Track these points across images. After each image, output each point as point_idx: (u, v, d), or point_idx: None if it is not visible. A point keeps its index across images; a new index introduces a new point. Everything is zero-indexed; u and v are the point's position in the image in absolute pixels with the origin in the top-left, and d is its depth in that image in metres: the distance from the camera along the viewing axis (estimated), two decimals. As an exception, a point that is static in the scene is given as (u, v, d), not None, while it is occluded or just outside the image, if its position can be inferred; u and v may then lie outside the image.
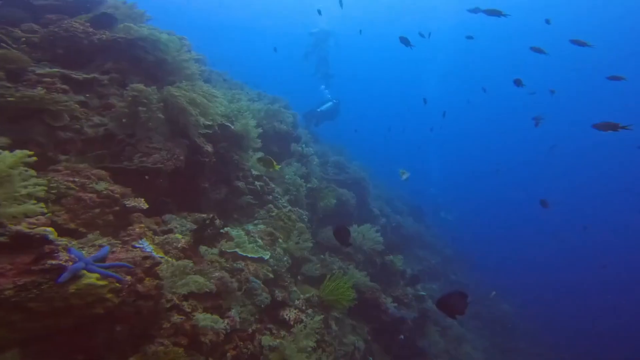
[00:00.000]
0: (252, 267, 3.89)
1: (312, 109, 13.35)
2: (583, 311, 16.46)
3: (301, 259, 5.94)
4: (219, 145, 5.19)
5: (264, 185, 6.22)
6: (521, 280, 17.33)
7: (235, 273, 3.63)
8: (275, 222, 5.66)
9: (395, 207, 14.89)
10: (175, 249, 3.05)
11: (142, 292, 2.17)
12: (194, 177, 4.52)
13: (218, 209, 5.28)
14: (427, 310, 8.65)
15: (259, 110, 7.32)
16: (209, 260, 3.34)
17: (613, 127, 4.91)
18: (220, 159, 5.32)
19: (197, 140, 4.38)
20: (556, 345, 13.60)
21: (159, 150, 3.75)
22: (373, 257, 8.11)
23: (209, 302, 3.15)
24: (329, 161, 10.96)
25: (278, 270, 4.58)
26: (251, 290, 3.66)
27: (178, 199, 4.33)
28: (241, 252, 3.93)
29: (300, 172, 7.68)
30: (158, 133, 3.87)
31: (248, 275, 3.70)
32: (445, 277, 14.02)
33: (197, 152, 4.33)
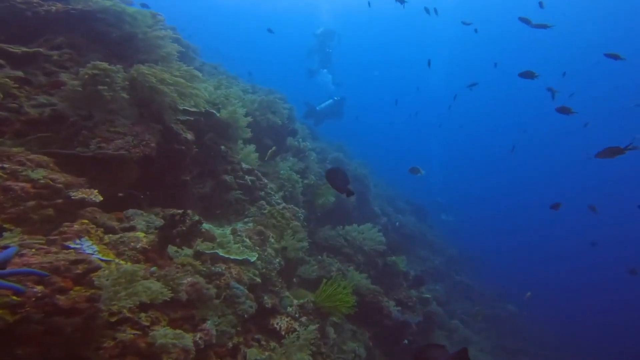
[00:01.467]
0: (235, 270, 3.27)
1: (311, 106, 12.63)
2: (589, 310, 15.81)
3: (296, 261, 5.33)
4: (202, 135, 4.59)
5: (256, 180, 5.62)
6: (526, 279, 16.68)
7: (213, 278, 3.02)
8: (266, 220, 5.05)
9: (397, 206, 14.28)
10: (133, 250, 2.44)
11: (63, 305, 1.57)
12: (172, 169, 3.92)
13: (202, 206, 4.67)
14: (433, 313, 8.03)
15: (252, 101, 6.73)
16: (180, 263, 2.74)
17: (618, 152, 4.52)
18: (205, 149, 4.72)
19: (173, 126, 3.77)
20: (563, 346, 12.98)
21: (123, 135, 3.14)
22: (374, 258, 7.50)
23: (178, 313, 2.55)
24: (327, 158, 10.36)
25: (267, 274, 3.97)
26: (232, 297, 3.05)
27: (152, 193, 3.74)
28: (222, 253, 3.32)
29: (296, 168, 7.08)
30: (123, 116, 3.26)
31: (229, 280, 3.09)
32: (449, 277, 13.39)
33: (173, 140, 3.73)
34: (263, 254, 4.12)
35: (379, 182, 14.38)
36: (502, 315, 12.81)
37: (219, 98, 4.78)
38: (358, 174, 10.11)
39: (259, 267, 3.77)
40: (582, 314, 15.64)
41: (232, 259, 3.38)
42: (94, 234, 2.28)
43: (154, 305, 2.30)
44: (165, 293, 2.10)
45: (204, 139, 4.74)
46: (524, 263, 20.06)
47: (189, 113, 4.24)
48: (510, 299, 13.94)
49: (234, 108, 4.63)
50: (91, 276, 1.79)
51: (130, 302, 1.85)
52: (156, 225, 2.91)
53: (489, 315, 12.55)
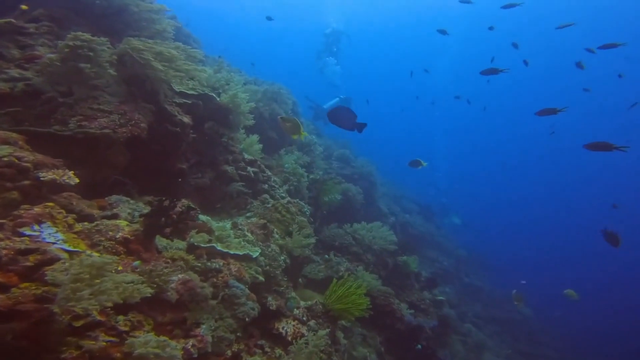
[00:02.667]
0: (235, 267, 2.86)
1: (317, 105, 12.18)
2: (605, 311, 15.27)
3: (302, 259, 4.91)
4: (201, 120, 4.19)
5: (259, 172, 5.21)
6: (539, 281, 16.16)
7: (209, 275, 2.61)
8: (270, 214, 4.65)
9: (404, 205, 13.84)
10: (111, 240, 2.04)
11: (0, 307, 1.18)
12: (167, 156, 3.52)
13: (200, 198, 4.27)
14: (447, 317, 7.60)
15: (255, 92, 6.32)
16: (170, 257, 2.33)
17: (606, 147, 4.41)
18: (204, 137, 4.33)
19: (167, 107, 3.38)
20: (581, 350, 12.48)
21: (109, 114, 2.75)
22: (384, 258, 7.07)
23: (166, 316, 2.14)
24: (332, 154, 9.94)
25: (271, 272, 3.55)
26: (232, 298, 2.63)
27: (143, 181, 3.34)
28: (221, 248, 2.91)
29: (301, 161, 6.67)
30: (109, 94, 2.87)
31: (228, 278, 2.68)
32: (458, 279, 12.93)
33: (166, 121, 3.33)
34: (267, 250, 3.71)
35: (385, 181, 13.95)
36: (515, 319, 12.32)
37: (219, 82, 4.38)
38: (364, 172, 9.69)
39: (262, 264, 3.35)
40: (599, 315, 15.10)
41: (231, 254, 2.97)
42: (61, 220, 1.87)
43: (136, 306, 1.89)
44: (142, 290, 1.69)
45: (204, 126, 4.34)
46: (535, 264, 19.51)
47: (186, 96, 3.85)
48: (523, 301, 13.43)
49: (235, 92, 4.22)
50: (45, 270, 1.39)
51: (95, 303, 1.44)
52: (144, 214, 2.50)
53: (502, 318, 12.08)
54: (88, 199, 2.52)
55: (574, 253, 21.62)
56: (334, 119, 3.42)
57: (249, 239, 3.65)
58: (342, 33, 18.03)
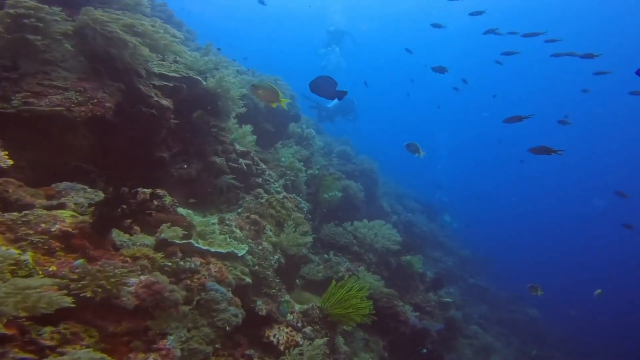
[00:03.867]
0: (216, 267, 2.43)
1: (319, 103, 11.74)
2: (613, 311, 14.75)
3: (298, 259, 4.48)
4: (185, 106, 3.76)
5: (252, 165, 4.78)
6: (545, 281, 15.66)
7: (182, 277, 2.18)
8: (263, 210, 4.22)
9: (407, 204, 13.37)
10: (43, 234, 1.61)
11: None
12: (144, 142, 3.09)
13: (186, 190, 3.84)
14: (454, 319, 7.14)
15: (250, 82, 5.90)
16: (130, 255, 1.90)
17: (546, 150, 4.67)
18: (190, 124, 3.90)
19: (141, 88, 2.95)
20: (589, 352, 12.00)
21: (63, 91, 2.33)
22: (387, 258, 6.63)
23: (121, 325, 1.71)
24: (333, 151, 9.49)
25: (261, 273, 3.12)
26: (210, 302, 2.20)
27: (115, 170, 2.91)
28: (199, 245, 2.48)
29: (299, 155, 6.24)
30: (65, 69, 2.44)
31: (205, 280, 2.25)
32: (463, 280, 12.46)
33: (139, 102, 2.89)
34: (256, 248, 3.28)
35: (387, 180, 13.49)
36: (522, 320, 11.84)
37: (207, 65, 3.95)
38: (365, 168, 9.24)
39: (249, 263, 2.92)
40: (609, 316, 14.59)
41: (212, 252, 2.53)
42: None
43: (75, 314, 1.46)
44: (56, 300, 1.25)
45: (189, 112, 3.92)
46: (539, 264, 18.99)
47: (167, 78, 3.42)
48: (529, 302, 12.95)
49: (222, 75, 3.79)
50: None
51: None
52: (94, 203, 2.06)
53: (509, 319, 11.61)
54: (41, 187, 2.10)
55: (580, 252, 21.06)
56: (315, 88, 3.26)
57: (236, 235, 3.22)
58: (346, 33, 17.65)
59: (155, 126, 3.06)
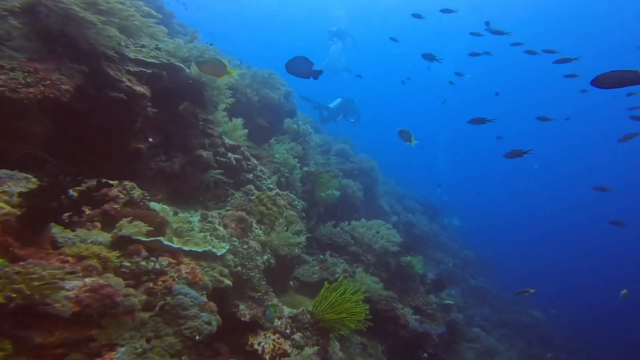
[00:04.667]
0: (188, 268, 2.12)
1: (320, 104, 11.47)
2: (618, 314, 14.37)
3: (291, 259, 4.17)
4: (167, 94, 3.47)
5: (242, 160, 4.48)
6: (547, 282, 15.30)
7: (144, 279, 1.88)
8: (251, 207, 3.92)
9: (407, 205, 13.05)
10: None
11: None
12: (116, 131, 2.80)
13: (169, 186, 3.54)
14: (456, 322, 6.82)
15: (243, 76, 5.63)
16: (75, 254, 1.60)
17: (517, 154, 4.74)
18: (173, 115, 3.61)
19: (110, 72, 2.65)
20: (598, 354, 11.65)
21: (9, 71, 2.03)
22: (386, 259, 6.31)
23: (54, 335, 1.42)
24: (331, 149, 9.18)
25: (245, 274, 2.82)
26: (176, 308, 1.90)
27: (82, 161, 2.62)
28: (170, 243, 2.18)
29: (294, 152, 5.94)
30: (12, 48, 2.15)
31: (172, 282, 1.95)
32: (464, 281, 12.12)
33: (107, 87, 2.60)
34: (241, 247, 2.97)
35: (387, 180, 13.17)
36: (526, 321, 11.49)
37: (191, 52, 3.66)
38: (365, 167, 8.94)
39: (230, 264, 2.61)
40: (613, 317, 14.21)
41: (185, 250, 2.23)
42: None
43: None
44: None
45: (173, 102, 3.62)
46: (542, 265, 18.59)
47: (144, 64, 3.13)
48: (532, 303, 12.60)
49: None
50: None
51: None
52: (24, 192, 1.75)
53: (512, 321, 11.26)
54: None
55: (584, 253, 20.63)
56: (291, 68, 3.24)
57: (219, 233, 2.92)
58: (347, 34, 17.40)
59: (129, 114, 2.76)
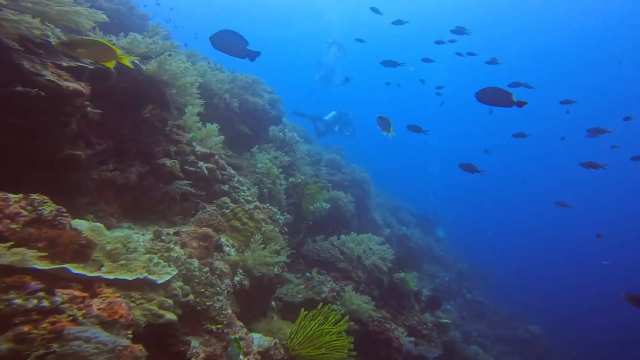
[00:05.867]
0: (104, 302, 1.57)
1: (316, 116, 11.08)
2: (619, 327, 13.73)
3: (269, 280, 3.62)
4: (119, 94, 2.96)
5: (216, 169, 3.96)
6: (545, 295, 14.67)
7: (15, 320, 1.32)
8: (223, 222, 3.38)
9: (401, 217, 12.50)
10: None
11: None
12: (42, 136, 2.27)
13: (122, 199, 3.00)
14: (453, 342, 6.23)
15: (222, 81, 5.13)
16: None
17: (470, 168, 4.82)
18: (129, 118, 3.09)
19: (24, 63, 2.13)
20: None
21: None
22: (378, 275, 5.75)
23: None
24: (322, 159, 8.68)
25: (200, 303, 2.27)
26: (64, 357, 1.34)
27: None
28: (83, 271, 1.64)
29: (279, 161, 5.44)
30: None
31: (65, 324, 1.39)
32: (460, 295, 11.53)
33: (17, 81, 2.08)
34: (199, 271, 2.42)
35: (380, 191, 12.66)
36: (524, 337, 10.87)
37: (150, 47, 3.16)
38: (357, 178, 8.42)
39: (177, 292, 2.06)
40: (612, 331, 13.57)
41: (107, 279, 1.69)
42: None
43: None
44: None
45: (128, 103, 3.11)
46: (539, 277, 17.94)
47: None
48: (530, 318, 11.99)
49: (165, 58, 2.99)
50: None
51: None
52: None
53: (510, 337, 10.65)
54: None
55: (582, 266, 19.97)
56: (219, 44, 2.81)
57: (173, 254, 2.38)
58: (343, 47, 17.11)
59: (57, 115, 2.24)
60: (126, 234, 2.26)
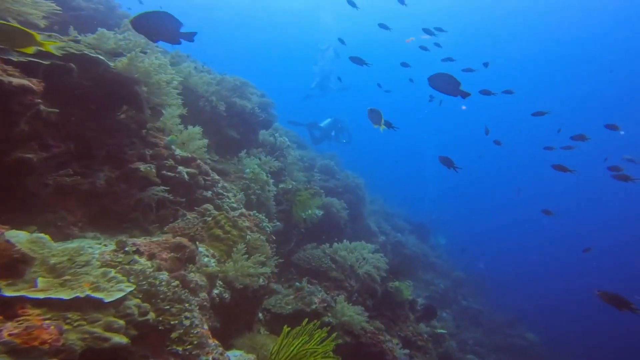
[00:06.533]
0: (21, 327, 1.25)
1: (313, 122, 11.01)
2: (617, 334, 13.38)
3: (253, 292, 3.31)
4: (83, 92, 2.67)
5: (198, 175, 3.66)
6: (540, 301, 14.33)
7: None
8: (200, 231, 3.08)
9: (396, 224, 12.19)
10: None
11: None
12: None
13: (89, 206, 2.70)
14: (449, 354, 5.90)
15: (208, 83, 4.85)
16: None
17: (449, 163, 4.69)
18: (96, 119, 2.80)
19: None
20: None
21: None
22: (372, 284, 5.44)
23: None
24: (315, 165, 8.38)
25: (163, 322, 1.96)
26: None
27: None
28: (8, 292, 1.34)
29: (269, 166, 5.14)
30: None
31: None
32: (456, 303, 11.19)
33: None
34: (166, 286, 2.12)
35: (375, 198, 12.36)
36: (520, 345, 10.52)
37: (119, 43, 2.87)
38: (351, 184, 8.12)
39: (131, 311, 1.76)
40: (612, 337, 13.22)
41: (35, 299, 1.39)
42: None
43: None
44: None
45: (94, 102, 2.82)
46: (535, 284, 17.58)
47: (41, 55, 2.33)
48: (526, 325, 11.65)
49: (136, 54, 2.71)
50: None
51: None
52: None
53: (506, 345, 10.30)
54: None
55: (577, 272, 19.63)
56: (143, 28, 2.37)
57: (138, 267, 2.08)
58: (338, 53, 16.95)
59: (1, 114, 1.95)
60: (78, 245, 1.95)
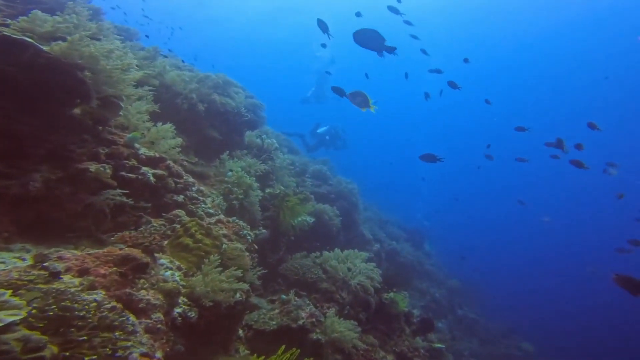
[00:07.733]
0: None
1: (311, 129, 10.78)
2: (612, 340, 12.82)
3: (227, 309, 2.77)
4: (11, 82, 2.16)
5: (167, 177, 3.14)
6: (536, 311, 13.76)
7: None
8: (165, 241, 2.55)
9: (390, 231, 11.64)
10: None
11: None
12: None
13: (16, 214, 2.17)
14: (448, 372, 5.35)
15: (187, 80, 4.34)
16: None
17: None
18: (27, 111, 2.28)
19: None
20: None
21: None
22: (365, 296, 4.89)
23: None
24: (307, 170, 7.85)
25: (67, 358, 1.42)
26: None
27: None
28: None
29: (254, 169, 4.62)
30: None
31: None
32: (451, 312, 10.60)
33: None
34: (99, 308, 1.59)
35: (369, 204, 11.84)
36: (516, 356, 9.95)
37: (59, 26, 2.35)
38: (344, 189, 7.60)
39: (9, 348, 1.22)
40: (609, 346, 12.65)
41: None
42: None
43: None
44: None
45: (25, 93, 2.31)
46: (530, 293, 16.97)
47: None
48: (522, 335, 11.09)
49: (79, 36, 2.19)
50: None
51: None
52: None
53: (502, 356, 9.73)
54: None
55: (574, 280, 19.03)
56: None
57: (59, 286, 1.56)
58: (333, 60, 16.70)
59: None
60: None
